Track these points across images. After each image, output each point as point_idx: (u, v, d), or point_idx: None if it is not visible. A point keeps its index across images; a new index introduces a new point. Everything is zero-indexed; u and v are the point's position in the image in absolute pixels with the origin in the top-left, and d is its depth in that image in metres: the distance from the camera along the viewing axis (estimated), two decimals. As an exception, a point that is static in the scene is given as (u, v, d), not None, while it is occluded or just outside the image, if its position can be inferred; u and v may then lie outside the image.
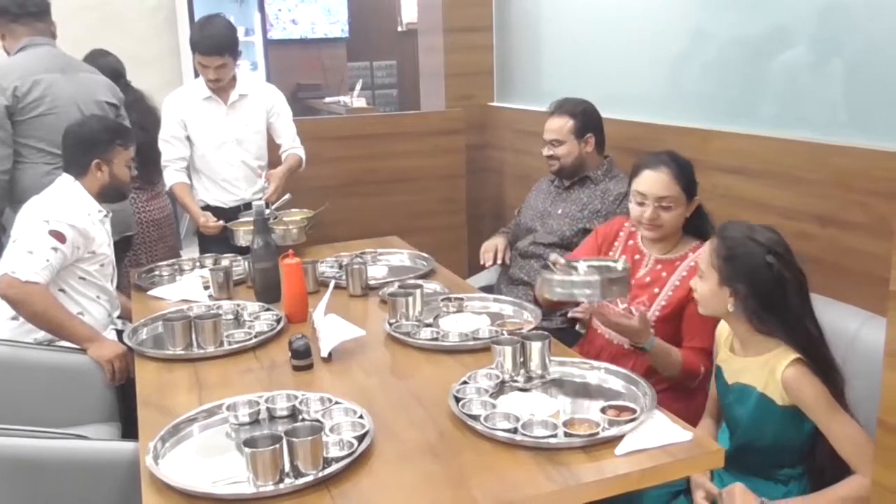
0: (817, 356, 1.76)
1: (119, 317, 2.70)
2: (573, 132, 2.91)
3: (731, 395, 1.89)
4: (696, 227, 2.33)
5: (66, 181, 2.56)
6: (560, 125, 2.93)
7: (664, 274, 2.28)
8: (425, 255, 3.02)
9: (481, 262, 3.16)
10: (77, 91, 3.03)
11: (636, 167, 2.32)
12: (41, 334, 2.43)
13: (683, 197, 2.25)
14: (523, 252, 3.01)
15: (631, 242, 2.42)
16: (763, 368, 1.79)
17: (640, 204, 2.27)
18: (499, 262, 3.10)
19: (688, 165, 2.29)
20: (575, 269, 2.09)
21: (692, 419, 1.88)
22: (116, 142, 2.60)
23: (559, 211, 2.96)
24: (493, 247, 3.15)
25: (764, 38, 2.52)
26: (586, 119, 2.93)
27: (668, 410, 1.74)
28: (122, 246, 3.15)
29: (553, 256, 2.16)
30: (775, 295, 1.77)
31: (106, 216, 2.62)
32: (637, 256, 2.37)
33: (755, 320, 1.80)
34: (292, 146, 3.32)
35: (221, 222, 3.08)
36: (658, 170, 2.25)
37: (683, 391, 2.20)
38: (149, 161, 3.35)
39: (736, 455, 1.82)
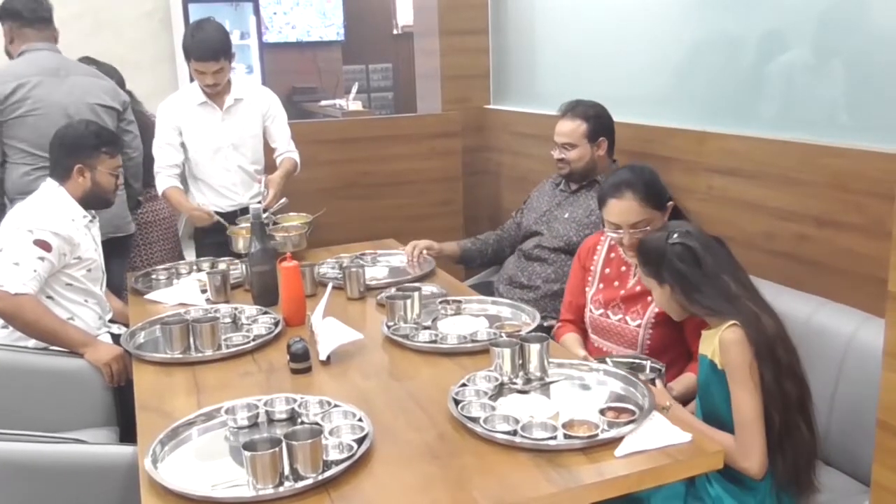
0: (740, 309, 1.80)
1: (112, 320, 2.70)
2: (586, 136, 2.83)
3: (699, 367, 1.94)
4: None
5: (50, 186, 2.54)
6: (573, 128, 2.84)
7: None
8: (423, 257, 3.01)
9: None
10: (67, 93, 3.04)
11: (601, 196, 2.27)
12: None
13: (656, 213, 2.21)
14: (528, 254, 2.95)
15: (613, 255, 2.38)
16: (715, 336, 1.84)
17: (615, 232, 2.23)
18: (413, 260, 2.94)
19: (651, 178, 2.24)
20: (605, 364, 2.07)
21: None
22: (102, 149, 2.55)
23: (566, 215, 2.90)
24: (412, 245, 2.98)
25: (760, 40, 2.52)
26: (599, 122, 2.85)
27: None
28: (116, 246, 3.13)
29: (582, 353, 2.22)
30: (689, 268, 1.85)
31: (92, 221, 2.61)
32: (623, 268, 2.35)
33: (684, 300, 1.88)
34: (287, 150, 3.31)
35: (213, 212, 3.04)
36: (623, 198, 2.19)
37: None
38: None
39: None
